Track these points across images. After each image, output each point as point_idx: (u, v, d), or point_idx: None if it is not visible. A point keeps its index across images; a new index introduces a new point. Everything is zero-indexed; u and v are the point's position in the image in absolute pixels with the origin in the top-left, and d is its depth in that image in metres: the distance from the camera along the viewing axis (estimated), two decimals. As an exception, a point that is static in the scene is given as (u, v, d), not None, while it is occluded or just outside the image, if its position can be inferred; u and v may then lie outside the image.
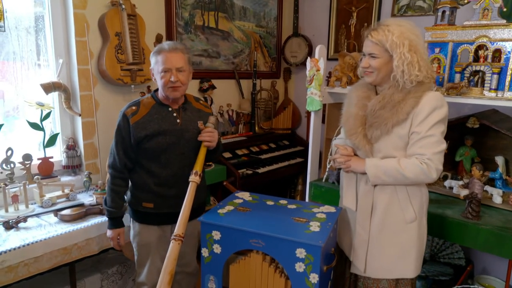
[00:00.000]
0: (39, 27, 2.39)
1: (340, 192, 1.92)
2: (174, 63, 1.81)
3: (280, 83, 3.89)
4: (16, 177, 2.28)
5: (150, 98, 1.94)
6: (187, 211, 1.71)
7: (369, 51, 1.63)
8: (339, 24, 3.48)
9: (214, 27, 3.23)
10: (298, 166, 3.45)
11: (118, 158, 1.86)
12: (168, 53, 1.81)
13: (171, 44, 1.85)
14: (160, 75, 1.83)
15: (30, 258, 1.81)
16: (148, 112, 1.88)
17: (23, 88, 2.38)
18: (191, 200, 1.74)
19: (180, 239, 1.66)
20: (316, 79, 2.39)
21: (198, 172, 1.78)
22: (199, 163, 1.82)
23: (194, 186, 1.76)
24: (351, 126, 1.69)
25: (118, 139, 1.88)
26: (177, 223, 1.69)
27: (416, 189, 1.67)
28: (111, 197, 1.89)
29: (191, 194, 1.75)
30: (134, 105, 1.90)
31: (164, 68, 1.81)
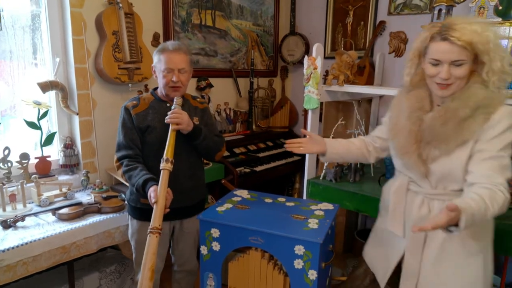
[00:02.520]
0: (35, 26, 2.38)
1: (379, 207, 1.76)
2: (177, 64, 1.84)
3: (277, 81, 3.90)
4: (14, 176, 2.27)
5: (150, 95, 1.98)
6: (162, 199, 1.59)
7: (454, 58, 1.29)
8: (335, 22, 3.49)
9: (211, 25, 3.23)
10: (295, 164, 3.46)
11: (129, 147, 1.86)
12: (171, 53, 1.84)
13: (175, 45, 1.87)
14: (162, 74, 1.87)
15: (29, 257, 1.80)
16: (148, 107, 1.92)
17: (20, 87, 2.37)
18: (164, 189, 1.62)
19: (157, 231, 1.54)
20: (314, 77, 2.40)
21: (170, 159, 1.69)
22: (169, 149, 1.72)
23: (166, 173, 1.66)
24: (403, 143, 1.44)
25: (126, 131, 1.89)
26: (152, 215, 1.58)
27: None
28: (134, 173, 1.78)
29: (164, 182, 1.63)
30: (134, 100, 1.95)
31: (167, 68, 1.84)
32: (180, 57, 1.86)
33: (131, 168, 1.81)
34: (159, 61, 1.88)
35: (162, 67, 1.86)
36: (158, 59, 1.89)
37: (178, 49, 1.87)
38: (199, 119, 1.99)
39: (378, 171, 2.68)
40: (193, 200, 2.01)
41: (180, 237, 2.06)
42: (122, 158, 1.86)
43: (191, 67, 1.96)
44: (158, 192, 1.62)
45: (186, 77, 1.91)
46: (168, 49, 1.86)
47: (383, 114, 3.33)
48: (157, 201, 1.59)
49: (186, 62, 1.89)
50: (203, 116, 2.02)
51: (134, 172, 1.79)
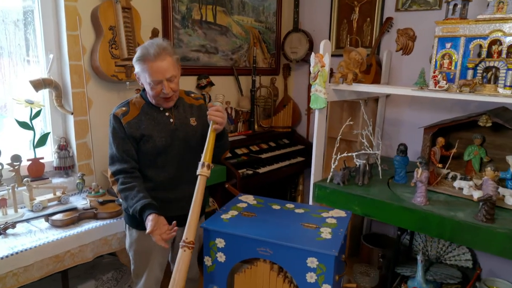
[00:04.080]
0: (28, 20, 2.25)
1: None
2: (164, 73, 1.63)
3: (279, 80, 3.78)
4: (5, 180, 2.16)
5: (139, 98, 1.80)
6: (196, 211, 1.48)
7: None
8: (340, 19, 3.38)
9: (212, 21, 3.11)
10: (298, 166, 3.35)
11: (124, 160, 1.69)
12: (155, 62, 1.60)
13: (156, 49, 1.61)
14: (149, 85, 1.67)
15: (20, 267, 1.69)
16: (139, 113, 1.74)
17: (11, 85, 2.24)
18: (200, 198, 1.50)
19: (192, 246, 1.42)
20: (321, 75, 2.29)
21: (207, 163, 1.55)
22: (208, 152, 1.57)
23: (203, 180, 1.52)
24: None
25: (118, 143, 1.70)
26: (186, 227, 1.47)
27: None
28: (130, 194, 1.64)
29: (200, 190, 1.51)
30: (123, 106, 1.76)
31: (153, 80, 1.64)
32: (166, 64, 1.62)
33: (128, 187, 1.65)
34: (143, 71, 1.64)
35: (147, 79, 1.64)
36: (141, 68, 1.65)
37: (161, 53, 1.61)
38: (196, 119, 1.84)
39: (386, 173, 2.58)
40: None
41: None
42: (117, 174, 1.69)
43: (179, 65, 1.74)
44: (193, 202, 1.52)
45: (176, 82, 1.71)
46: (150, 57, 1.60)
47: (390, 114, 3.27)
48: (191, 213, 1.50)
49: (173, 66, 1.66)
50: (200, 115, 1.86)
51: (131, 193, 1.63)
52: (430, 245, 2.77)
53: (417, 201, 2.07)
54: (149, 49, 1.62)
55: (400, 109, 3.15)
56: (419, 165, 2.09)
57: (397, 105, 3.16)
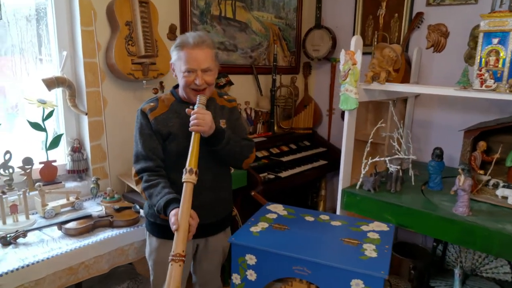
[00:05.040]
0: (40, 16, 2.13)
1: None
2: (200, 63, 1.54)
3: (300, 79, 3.62)
4: (16, 184, 2.04)
5: (170, 95, 1.69)
6: (184, 222, 1.33)
7: None
8: (366, 14, 3.20)
9: (231, 17, 2.96)
10: (321, 169, 3.19)
11: (149, 158, 1.58)
12: (193, 50, 1.53)
13: (196, 37, 1.54)
14: (182, 74, 1.57)
15: (31, 281, 1.56)
16: (168, 110, 1.64)
17: (23, 84, 2.12)
18: (187, 206, 1.36)
19: (181, 259, 1.28)
20: (352, 74, 2.12)
21: (194, 170, 1.40)
22: (193, 157, 1.43)
23: (189, 187, 1.39)
24: None
25: (144, 139, 1.60)
26: (174, 239, 1.32)
27: None
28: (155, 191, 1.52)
29: (187, 198, 1.37)
30: (152, 101, 1.66)
31: (188, 68, 1.54)
32: (204, 54, 1.54)
33: (152, 184, 1.53)
34: (179, 58, 1.57)
35: (182, 67, 1.56)
36: (177, 56, 1.57)
37: (201, 43, 1.54)
38: (226, 122, 1.72)
39: (419, 179, 2.40)
40: (218, 216, 1.75)
41: (204, 256, 1.80)
42: (141, 172, 1.58)
43: (217, 62, 1.65)
44: (180, 212, 1.35)
45: (211, 76, 1.60)
46: (189, 44, 1.53)
47: (419, 115, 3.09)
48: (179, 224, 1.32)
49: (211, 59, 1.58)
50: (230, 117, 1.75)
51: (155, 189, 1.52)
52: (464, 256, 2.59)
53: (459, 211, 1.90)
54: (189, 37, 1.55)
55: (429, 110, 2.97)
56: (461, 171, 1.91)
57: (426, 106, 2.98)
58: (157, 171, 1.58)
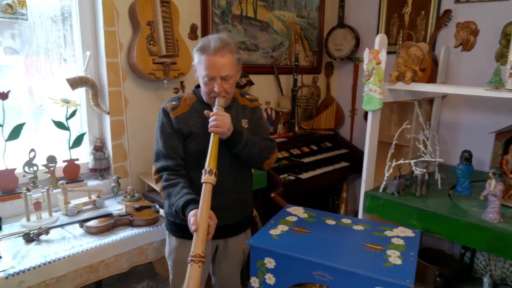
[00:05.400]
0: (65, 17, 2.16)
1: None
2: (219, 70, 1.52)
3: (322, 79, 3.56)
4: (40, 181, 2.07)
5: (192, 94, 1.69)
6: (203, 223, 1.31)
7: None
8: (390, 13, 3.12)
9: (253, 17, 2.93)
10: (342, 171, 3.12)
11: (170, 157, 1.58)
12: (213, 56, 1.50)
13: (218, 43, 1.51)
14: (202, 79, 1.57)
15: (52, 278, 1.58)
16: (190, 109, 1.63)
17: (48, 84, 2.16)
18: (207, 207, 1.34)
19: (200, 260, 1.26)
20: (376, 73, 2.06)
21: (213, 170, 1.39)
22: (212, 158, 1.42)
23: (209, 188, 1.37)
24: None
25: (165, 138, 1.60)
26: (193, 240, 1.31)
27: None
28: (174, 190, 1.51)
29: (206, 198, 1.35)
30: (174, 100, 1.66)
31: (207, 74, 1.53)
32: (224, 61, 1.51)
33: (171, 184, 1.53)
34: (199, 62, 1.55)
35: (202, 72, 1.55)
36: (198, 59, 1.56)
37: (222, 49, 1.51)
38: (248, 122, 1.69)
39: (445, 182, 2.31)
40: (239, 217, 1.72)
41: (223, 257, 1.79)
42: (161, 170, 1.57)
43: (239, 66, 1.62)
44: (199, 213, 1.33)
45: (231, 83, 1.58)
46: (209, 49, 1.50)
47: (446, 117, 2.98)
48: (198, 225, 1.31)
49: (232, 65, 1.55)
50: (252, 117, 1.72)
51: (175, 189, 1.51)
52: (494, 264, 2.47)
53: (489, 218, 1.81)
54: (211, 41, 1.52)
55: (457, 111, 2.86)
56: (492, 176, 1.82)
57: (454, 107, 2.87)
58: (177, 170, 1.57)
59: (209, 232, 1.32)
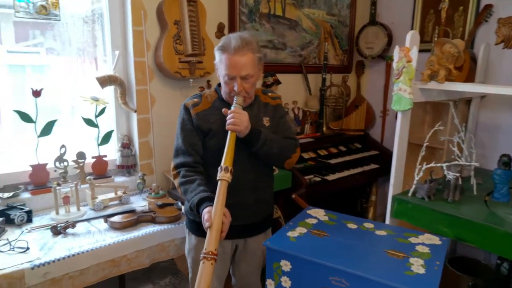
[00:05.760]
0: (96, 17, 2.23)
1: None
2: (239, 70, 1.50)
3: (352, 78, 3.47)
4: (70, 176, 2.14)
5: (213, 92, 1.69)
6: (218, 220, 1.30)
7: None
8: (426, 8, 2.98)
9: (281, 15, 2.90)
10: (372, 173, 3.02)
11: (188, 154, 1.59)
12: (233, 56, 1.49)
13: (238, 42, 1.49)
14: (223, 78, 1.56)
15: (76, 270, 1.63)
16: (210, 106, 1.63)
17: (79, 82, 2.23)
18: (221, 204, 1.33)
19: (212, 257, 1.25)
20: (406, 72, 1.96)
21: (228, 168, 1.38)
22: (228, 156, 1.42)
23: (224, 185, 1.36)
24: None
25: (185, 134, 1.61)
26: (206, 237, 1.30)
27: None
28: (190, 187, 1.51)
29: (221, 195, 1.34)
30: (195, 97, 1.67)
31: (227, 74, 1.52)
32: (245, 60, 1.49)
33: (188, 180, 1.53)
34: (220, 61, 1.54)
35: (222, 71, 1.54)
36: (219, 58, 1.55)
37: (243, 48, 1.49)
38: (270, 120, 1.66)
39: (481, 188, 2.17)
40: (258, 216, 1.70)
41: (242, 257, 1.77)
42: (180, 166, 1.58)
43: (260, 65, 1.60)
44: (213, 210, 1.32)
45: (251, 83, 1.56)
46: (230, 48, 1.49)
47: (485, 119, 2.80)
48: (212, 222, 1.30)
49: (252, 65, 1.52)
50: (274, 115, 1.69)
51: (191, 186, 1.51)
52: (535, 278, 2.30)
53: (529, 227, 1.67)
54: (232, 40, 1.50)
55: (497, 113, 2.69)
56: (532, 182, 1.69)
57: (493, 108, 2.69)
58: (195, 167, 1.57)
59: (223, 230, 1.31)
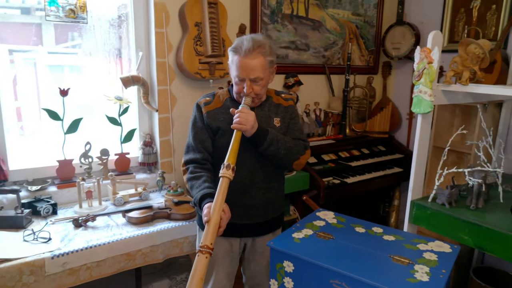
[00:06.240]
0: (121, 20, 2.32)
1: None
2: (249, 72, 1.52)
3: (378, 79, 3.39)
4: (94, 172, 2.24)
5: (226, 91, 1.72)
6: (216, 215, 1.33)
7: None
8: (457, 7, 2.86)
9: (304, 16, 2.89)
10: (395, 177, 2.94)
11: (198, 150, 1.63)
12: (244, 58, 1.51)
13: (250, 45, 1.51)
14: (233, 79, 1.60)
15: (93, 261, 1.70)
16: (222, 105, 1.66)
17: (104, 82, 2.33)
18: (221, 200, 1.36)
19: (208, 251, 1.26)
20: (427, 73, 1.90)
21: (231, 165, 1.41)
22: (231, 153, 1.45)
23: (225, 182, 1.39)
24: None
25: (196, 132, 1.65)
26: (204, 231, 1.33)
27: None
28: (196, 183, 1.55)
29: (221, 192, 1.37)
30: (208, 96, 1.71)
31: (238, 75, 1.55)
32: (255, 64, 1.51)
33: (195, 177, 1.57)
34: (232, 62, 1.58)
35: (233, 72, 1.58)
36: (231, 59, 1.58)
37: (253, 51, 1.51)
38: (281, 120, 1.67)
39: (509, 196, 2.06)
40: (267, 216, 1.71)
41: (251, 256, 1.79)
42: (189, 163, 1.63)
43: (272, 68, 1.62)
44: (213, 206, 1.35)
45: (261, 85, 1.57)
46: (241, 51, 1.52)
47: (517, 122, 2.65)
48: (210, 217, 1.33)
49: (263, 68, 1.54)
50: (285, 116, 1.70)
51: (197, 182, 1.55)
52: None
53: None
54: (244, 42, 1.53)
55: (532, 117, 2.54)
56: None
57: (528, 112, 2.55)
58: (203, 164, 1.61)
59: (220, 225, 1.34)
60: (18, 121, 2.17)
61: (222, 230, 1.35)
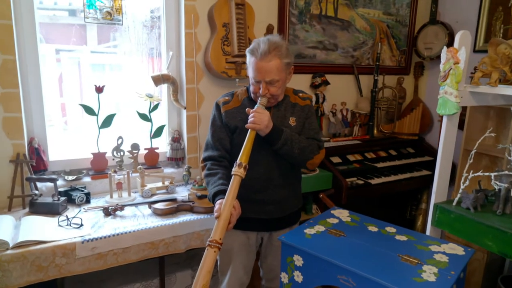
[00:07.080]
0: (154, 21, 2.44)
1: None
2: (264, 75, 1.56)
3: (409, 80, 3.32)
4: (125, 165, 2.37)
5: (244, 91, 1.78)
6: (226, 211, 1.39)
7: None
8: (494, 6, 2.75)
9: (333, 16, 2.89)
10: (423, 180, 2.88)
11: (215, 148, 1.70)
12: (260, 61, 1.55)
13: (266, 47, 1.54)
14: (250, 80, 1.65)
15: (119, 248, 1.82)
16: (240, 105, 1.72)
17: (136, 80, 2.46)
18: (232, 197, 1.41)
19: (216, 245, 1.32)
20: (453, 74, 1.86)
21: (243, 164, 1.45)
22: (244, 152, 1.49)
23: (237, 180, 1.44)
24: None
25: (214, 130, 1.73)
26: (214, 226, 1.38)
27: None
28: (212, 180, 1.62)
29: (233, 189, 1.43)
30: (227, 95, 1.77)
31: (254, 77, 1.60)
32: (271, 66, 1.54)
33: (212, 173, 1.64)
34: (249, 64, 1.62)
35: (250, 74, 1.62)
36: (248, 60, 1.63)
37: (269, 54, 1.53)
38: (296, 119, 1.70)
39: (541, 203, 1.96)
40: (284, 212, 1.75)
41: (268, 251, 1.84)
42: (207, 160, 1.71)
43: (289, 70, 1.64)
44: (224, 202, 1.42)
45: (278, 87, 1.60)
46: (257, 53, 1.55)
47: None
48: (221, 212, 1.39)
49: (278, 71, 1.57)
50: (301, 115, 1.72)
51: (213, 178, 1.62)
52: None
53: None
54: (261, 44, 1.57)
55: None
56: None
57: None
58: (220, 161, 1.67)
59: (230, 221, 1.39)
60: (63, 117, 2.35)
61: (231, 226, 1.41)
